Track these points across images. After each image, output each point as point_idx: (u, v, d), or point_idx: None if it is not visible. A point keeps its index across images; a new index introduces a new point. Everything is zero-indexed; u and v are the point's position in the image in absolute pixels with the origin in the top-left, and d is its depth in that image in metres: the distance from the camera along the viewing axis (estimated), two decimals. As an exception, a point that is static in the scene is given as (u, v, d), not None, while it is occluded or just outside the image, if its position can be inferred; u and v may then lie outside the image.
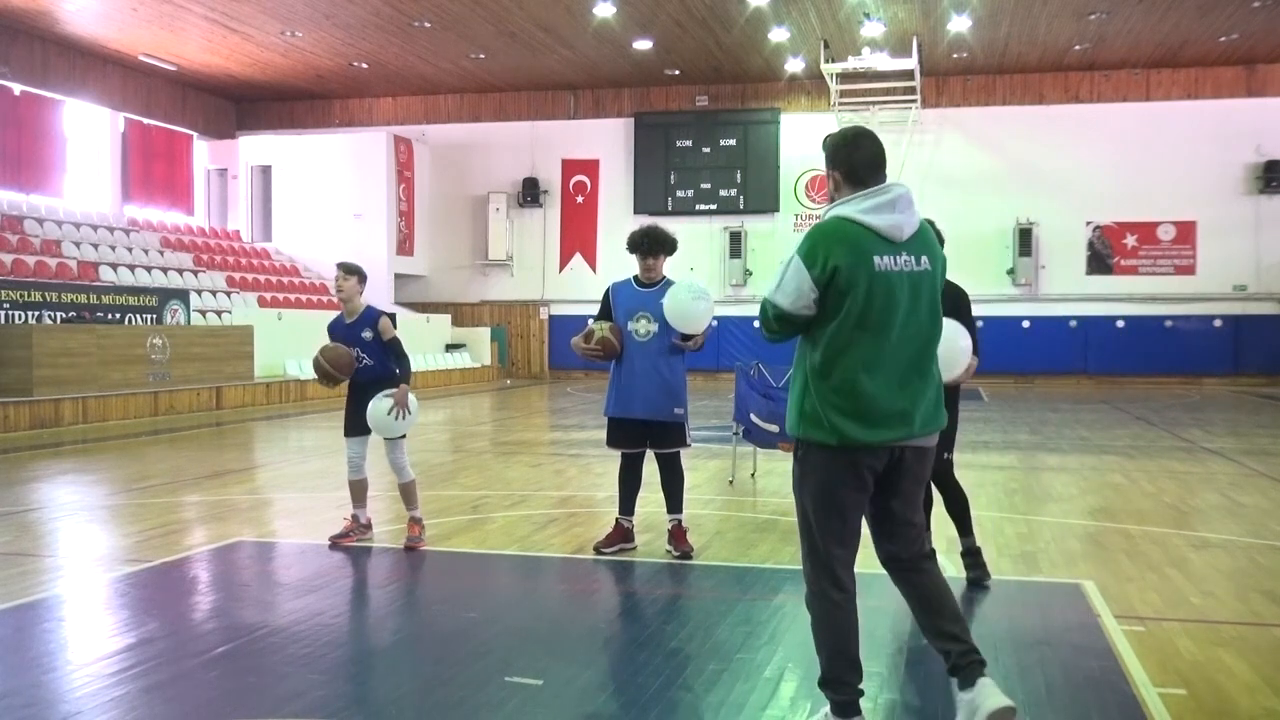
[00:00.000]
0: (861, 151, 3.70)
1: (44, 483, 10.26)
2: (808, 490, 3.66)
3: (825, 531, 3.63)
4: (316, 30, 21.86)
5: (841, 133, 3.83)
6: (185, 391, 17.30)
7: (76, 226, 21.64)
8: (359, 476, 6.90)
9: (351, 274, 6.95)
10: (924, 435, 3.65)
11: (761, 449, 9.65)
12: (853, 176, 3.68)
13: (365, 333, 6.84)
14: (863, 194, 3.61)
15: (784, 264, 3.62)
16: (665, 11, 20.68)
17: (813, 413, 3.57)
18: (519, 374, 27.99)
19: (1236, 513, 8.23)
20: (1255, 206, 24.57)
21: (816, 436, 3.57)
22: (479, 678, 4.35)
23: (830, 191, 3.77)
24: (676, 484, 6.58)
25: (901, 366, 3.58)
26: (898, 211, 3.59)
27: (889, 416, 3.54)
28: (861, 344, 3.53)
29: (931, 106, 25.22)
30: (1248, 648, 4.79)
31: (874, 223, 3.55)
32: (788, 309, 3.60)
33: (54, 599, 5.70)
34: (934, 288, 3.66)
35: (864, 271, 3.50)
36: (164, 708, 4.08)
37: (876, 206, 3.58)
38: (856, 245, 3.52)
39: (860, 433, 3.52)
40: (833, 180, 3.74)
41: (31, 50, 21.94)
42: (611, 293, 6.73)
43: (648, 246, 6.56)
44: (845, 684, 3.64)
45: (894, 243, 3.56)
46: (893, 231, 3.57)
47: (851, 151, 3.71)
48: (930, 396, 3.66)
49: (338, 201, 26.25)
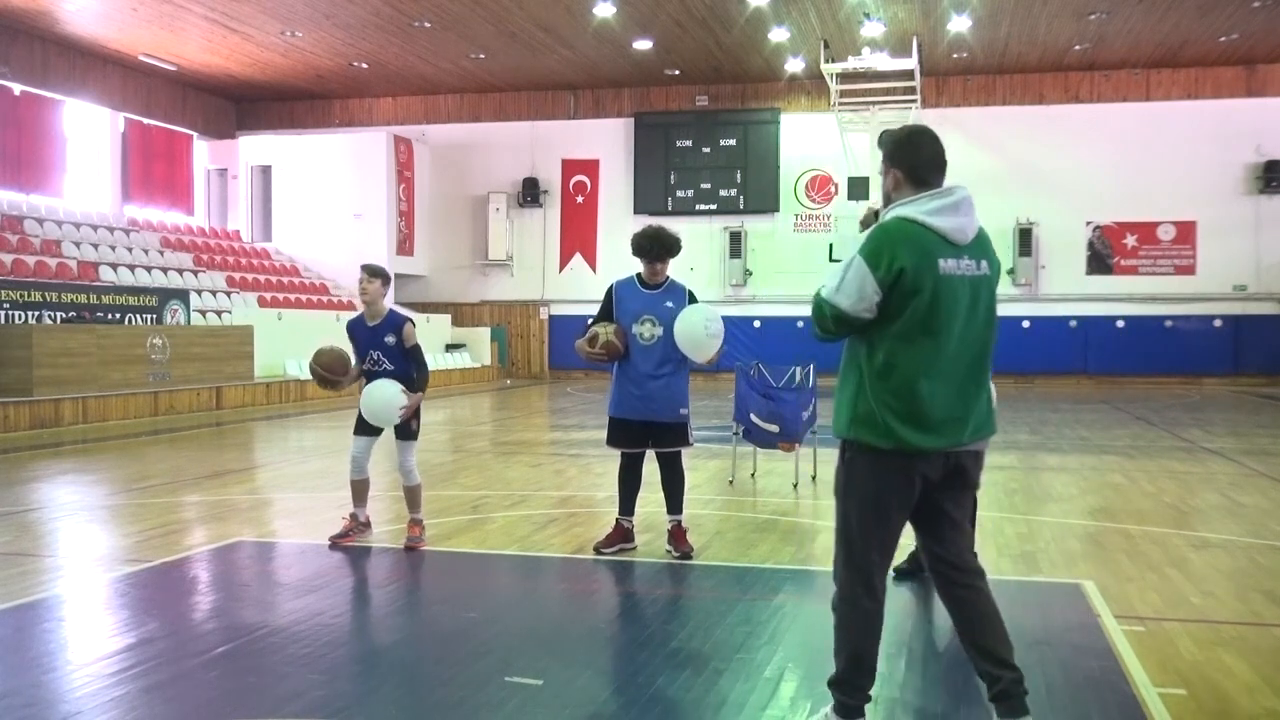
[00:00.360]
0: (924, 151, 3.62)
1: (44, 483, 10.25)
2: (854, 494, 3.59)
3: (867, 537, 3.58)
4: (316, 30, 21.86)
5: (903, 131, 3.73)
6: (185, 391, 17.30)
7: (76, 226, 21.64)
8: (361, 476, 6.90)
9: (376, 276, 6.90)
10: (977, 441, 3.60)
11: (761, 449, 9.65)
12: (915, 176, 3.60)
13: (388, 337, 6.82)
14: (926, 195, 3.54)
15: (844, 264, 3.53)
16: (665, 11, 20.68)
17: (867, 416, 3.50)
18: (519, 374, 27.99)
19: (1236, 513, 8.23)
20: (1255, 206, 24.57)
21: (869, 440, 3.50)
22: (479, 678, 4.35)
23: (887, 191, 3.69)
24: (677, 484, 6.57)
25: (959, 372, 3.52)
26: (961, 214, 3.53)
27: (945, 422, 3.49)
28: (923, 348, 3.46)
29: (931, 106, 25.20)
30: (1248, 648, 4.79)
31: (939, 225, 3.49)
32: (848, 310, 3.49)
33: (54, 599, 5.70)
34: (991, 293, 3.61)
35: (929, 274, 3.44)
36: (164, 708, 4.08)
37: (941, 208, 3.51)
38: (922, 247, 3.45)
39: (917, 437, 3.46)
40: (892, 179, 3.66)
41: (31, 50, 21.94)
42: (615, 292, 6.66)
43: (654, 252, 6.48)
44: (858, 688, 3.64)
45: (957, 246, 3.51)
46: (957, 235, 3.51)
47: (914, 150, 3.62)
48: (984, 402, 3.61)
49: (338, 201, 26.25)
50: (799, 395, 9.37)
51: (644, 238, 6.55)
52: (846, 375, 3.63)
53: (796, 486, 9.33)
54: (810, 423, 9.59)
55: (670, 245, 6.52)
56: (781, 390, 9.49)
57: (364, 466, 6.88)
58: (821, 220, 26.28)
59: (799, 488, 9.30)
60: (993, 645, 3.59)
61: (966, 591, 3.65)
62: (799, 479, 9.49)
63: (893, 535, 3.61)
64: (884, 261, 3.42)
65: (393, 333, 6.83)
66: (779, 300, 26.28)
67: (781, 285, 26.26)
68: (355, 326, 6.95)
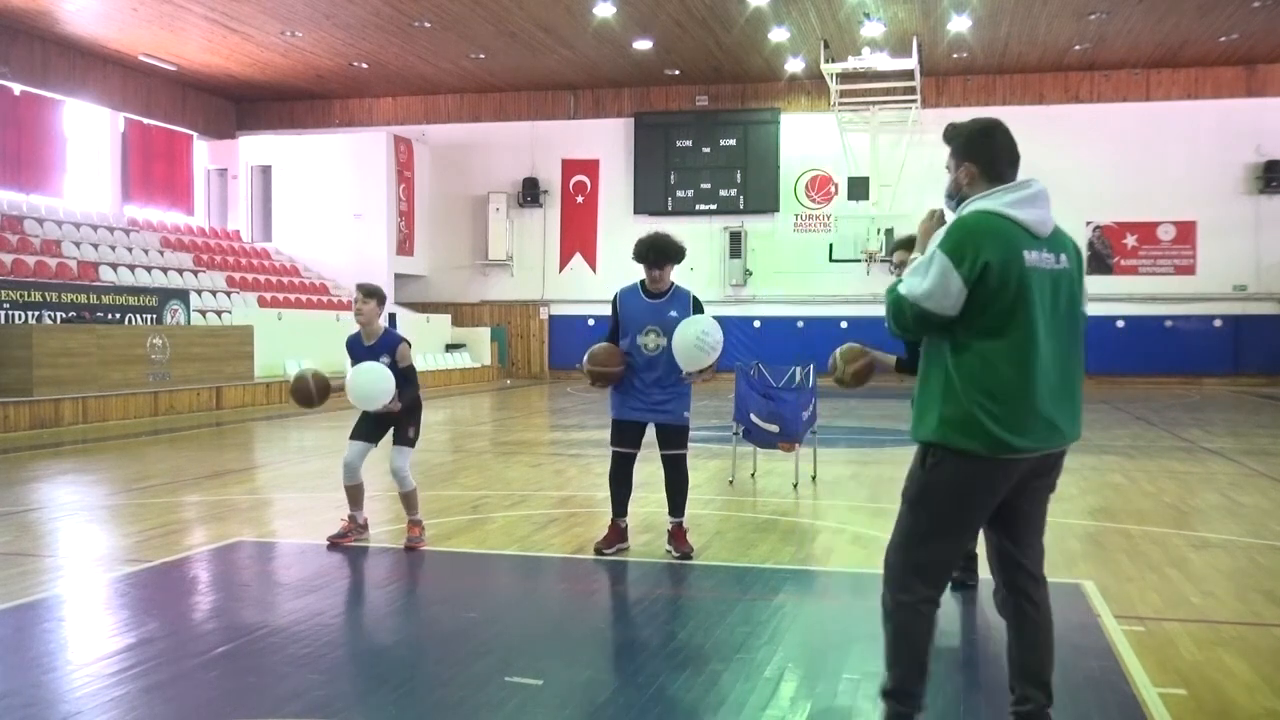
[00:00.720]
0: (1000, 144, 3.52)
1: (44, 483, 10.25)
2: (935, 500, 3.43)
3: (947, 544, 3.46)
4: (316, 30, 21.86)
5: (976, 124, 3.61)
6: (185, 391, 17.30)
7: (76, 226, 21.64)
8: (354, 482, 6.89)
9: (371, 297, 6.88)
10: (1069, 443, 3.48)
11: (761, 449, 9.65)
12: (992, 170, 3.49)
13: (384, 357, 6.83)
14: (1004, 188, 3.44)
15: (924, 260, 3.39)
16: (665, 11, 20.68)
17: (959, 418, 3.34)
18: (519, 374, 27.99)
19: (1236, 513, 8.23)
20: (1255, 206, 24.57)
21: (960, 443, 3.34)
22: (479, 678, 4.35)
23: (960, 186, 3.56)
24: (681, 488, 6.54)
25: (1049, 369, 3.38)
26: (1040, 206, 3.43)
27: (1040, 423, 3.35)
28: (1015, 345, 3.32)
29: (931, 106, 25.21)
30: (1248, 648, 4.79)
31: (1022, 217, 3.38)
32: (933, 309, 3.34)
33: (54, 599, 5.70)
34: (1072, 287, 3.48)
35: (1016, 268, 3.31)
36: (164, 708, 4.08)
37: (1021, 200, 3.40)
38: (1008, 240, 3.33)
39: (1014, 440, 3.31)
40: (965, 173, 3.54)
41: (31, 50, 21.94)
42: (619, 302, 6.59)
43: (653, 259, 6.43)
44: (914, 696, 3.50)
45: (1038, 239, 3.40)
46: (1039, 227, 3.41)
47: (990, 144, 3.52)
48: (1076, 404, 3.47)
49: (338, 201, 26.26)
50: (799, 395, 9.37)
51: (643, 245, 6.49)
52: (931, 376, 3.47)
53: (796, 486, 9.33)
54: (810, 423, 9.59)
55: (668, 251, 6.43)
56: (781, 390, 9.49)
57: (356, 472, 6.86)
58: (821, 220, 26.28)
59: (799, 488, 9.30)
60: (1039, 668, 3.53)
61: (1032, 606, 3.54)
62: (799, 479, 9.49)
63: (971, 542, 3.50)
64: (968, 257, 3.29)
65: (388, 353, 6.82)
66: (779, 300, 26.30)
67: (781, 285, 26.27)
68: (353, 344, 6.95)
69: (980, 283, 3.29)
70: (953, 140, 3.62)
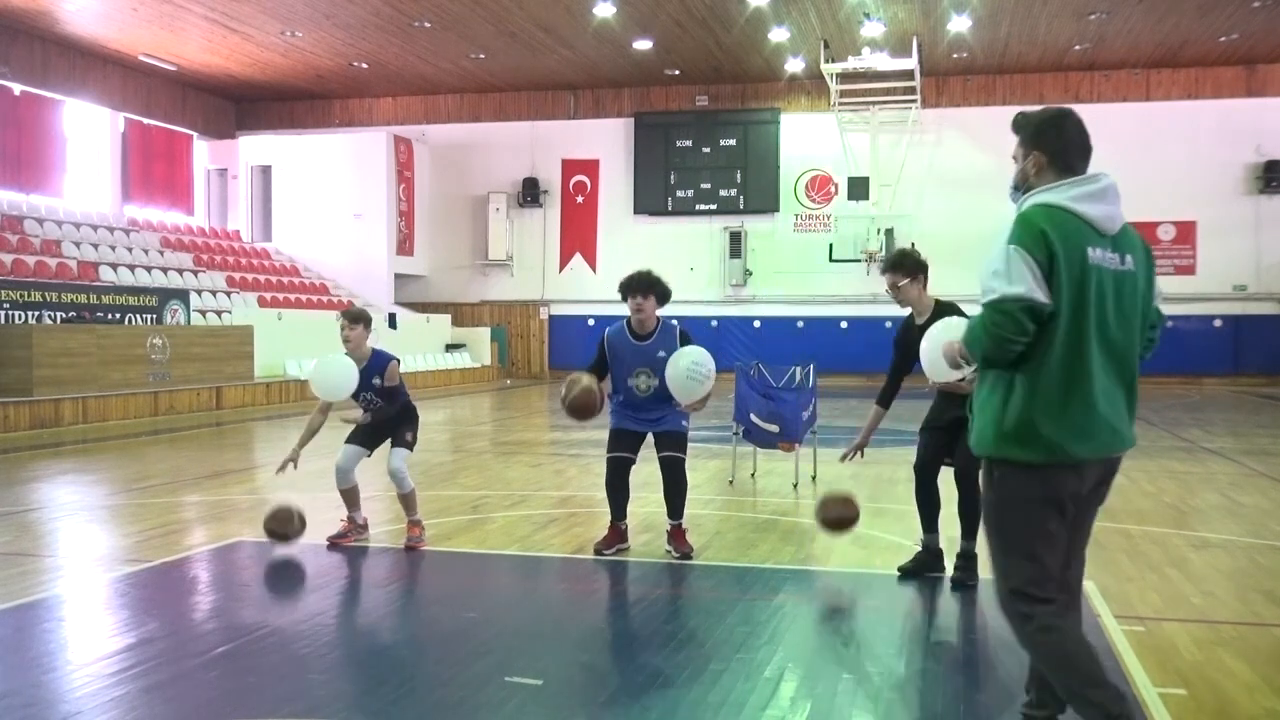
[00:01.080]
0: (1072, 134, 3.33)
1: (44, 483, 10.25)
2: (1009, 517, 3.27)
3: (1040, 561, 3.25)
4: (316, 30, 21.86)
5: (1047, 112, 3.43)
6: (185, 391, 17.30)
7: (76, 226, 21.64)
8: (347, 485, 6.89)
9: (357, 322, 6.83)
10: (1127, 449, 3.34)
11: (761, 449, 9.65)
12: (1062, 161, 3.32)
13: (375, 379, 6.83)
14: (1070, 181, 3.27)
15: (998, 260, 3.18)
16: (665, 11, 20.68)
17: (1020, 428, 3.19)
18: (519, 374, 27.99)
19: (1236, 513, 8.23)
20: (1255, 206, 24.57)
21: (1020, 455, 3.20)
22: (479, 678, 4.35)
23: (1027, 176, 3.40)
24: (679, 491, 6.54)
25: (1112, 373, 3.23)
26: (1108, 201, 3.27)
27: (1104, 429, 3.22)
28: (1078, 347, 3.16)
29: (931, 106, 25.22)
30: (1248, 648, 4.79)
31: (1087, 211, 3.22)
32: (1040, 300, 3.11)
33: (54, 599, 5.70)
34: (1136, 289, 3.30)
35: (1079, 264, 3.14)
36: (164, 708, 4.08)
37: (1088, 194, 3.24)
38: (1072, 234, 3.17)
39: (1074, 446, 3.18)
40: (1034, 163, 3.37)
41: (31, 50, 21.94)
42: (608, 345, 6.59)
43: (629, 286, 6.44)
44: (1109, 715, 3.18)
45: (1104, 236, 3.23)
46: (1106, 223, 3.24)
47: (1061, 133, 3.34)
48: (1132, 409, 3.33)
49: (338, 201, 26.26)
50: (799, 395, 9.37)
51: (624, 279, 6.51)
52: (991, 385, 3.30)
53: (796, 486, 9.33)
54: (810, 423, 9.59)
55: (647, 280, 6.43)
56: (781, 390, 9.50)
57: (348, 476, 6.86)
58: (821, 220, 26.27)
59: (799, 488, 9.30)
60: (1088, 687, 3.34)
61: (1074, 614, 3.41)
62: (799, 479, 9.49)
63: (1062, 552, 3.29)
64: (1038, 244, 3.13)
65: (378, 374, 6.82)
66: (779, 300, 26.30)
67: (781, 285, 26.27)
68: None
69: (1048, 279, 3.14)
70: (1022, 129, 3.45)
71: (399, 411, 6.95)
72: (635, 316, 6.51)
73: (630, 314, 6.53)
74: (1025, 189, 3.41)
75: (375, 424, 6.93)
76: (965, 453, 5.72)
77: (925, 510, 5.99)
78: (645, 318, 6.50)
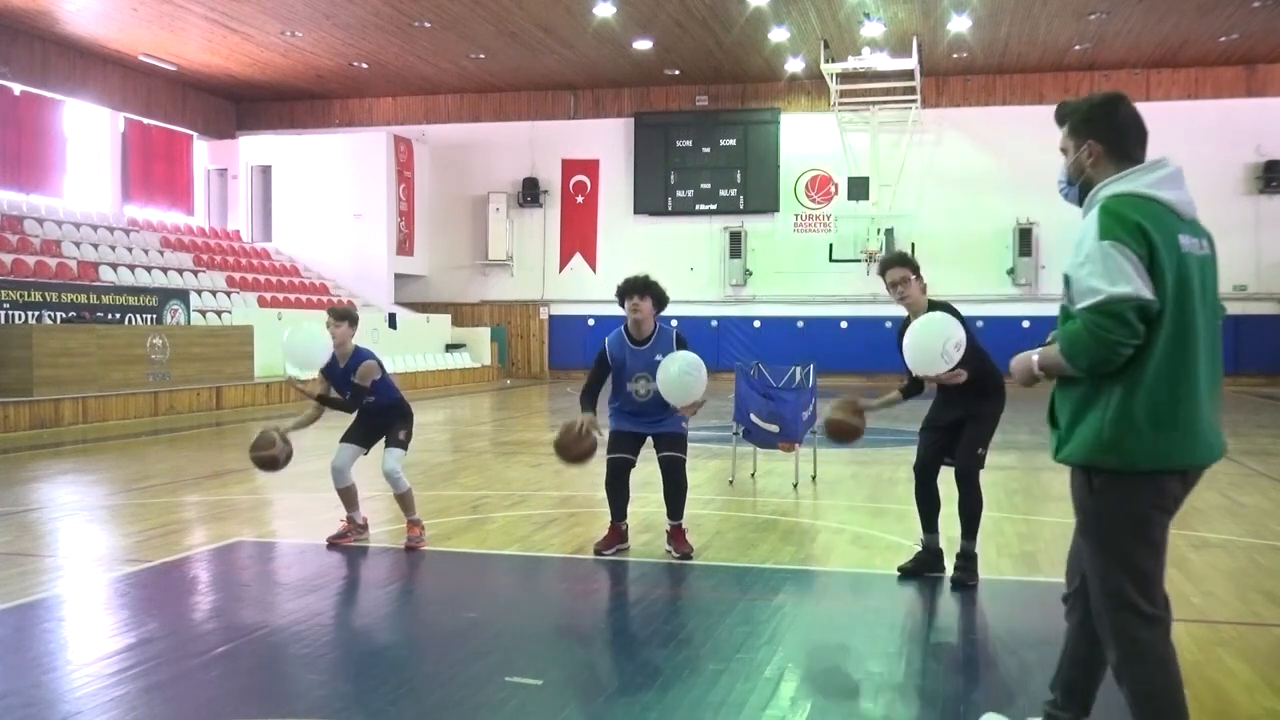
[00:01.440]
0: (1127, 118, 3.14)
1: (44, 483, 10.25)
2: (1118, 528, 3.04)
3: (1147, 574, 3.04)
4: (316, 30, 21.86)
5: (1098, 98, 3.21)
6: (185, 391, 17.30)
7: (76, 226, 21.64)
8: (344, 485, 6.88)
9: (342, 320, 6.81)
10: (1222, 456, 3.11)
11: (761, 449, 9.65)
12: (1119, 148, 3.11)
13: (353, 377, 6.83)
14: (1142, 168, 3.07)
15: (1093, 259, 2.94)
16: (665, 11, 20.68)
17: (1126, 435, 2.95)
18: (519, 374, 27.99)
19: (1236, 513, 8.23)
20: (1255, 206, 24.57)
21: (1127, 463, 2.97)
22: (479, 678, 4.34)
23: (1082, 168, 3.19)
24: (679, 492, 6.54)
25: (1207, 369, 3.01)
26: (1182, 187, 3.07)
27: (1210, 433, 3.02)
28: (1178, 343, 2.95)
29: (931, 106, 25.22)
30: (1248, 648, 4.80)
31: (1169, 198, 3.01)
32: (1149, 295, 2.88)
33: (54, 599, 5.70)
34: (1215, 276, 3.11)
35: (1173, 254, 2.93)
36: (164, 708, 4.08)
37: (1164, 180, 3.04)
38: (1163, 223, 2.95)
39: (1188, 454, 2.98)
40: (1089, 153, 3.15)
41: (31, 50, 21.94)
42: (608, 352, 6.62)
43: (627, 289, 6.47)
44: None
45: (1185, 221, 3.04)
46: (1186, 209, 3.05)
47: (1116, 118, 3.14)
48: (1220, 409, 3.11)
49: (338, 201, 26.26)
50: (799, 395, 9.37)
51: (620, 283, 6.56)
52: (1085, 392, 3.05)
53: (796, 486, 9.32)
54: (810, 423, 9.58)
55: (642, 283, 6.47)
56: (781, 390, 9.49)
57: (344, 476, 6.85)
58: (821, 220, 26.27)
59: (799, 488, 9.30)
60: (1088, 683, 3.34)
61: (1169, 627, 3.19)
62: (799, 479, 9.49)
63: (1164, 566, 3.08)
64: (1134, 235, 2.90)
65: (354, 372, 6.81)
66: (779, 300, 26.29)
67: (781, 285, 26.27)
68: (329, 368, 6.89)
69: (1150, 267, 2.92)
70: (1069, 117, 3.21)
71: (392, 410, 6.92)
72: (632, 318, 6.52)
73: (627, 315, 6.54)
74: (1083, 183, 3.20)
75: (369, 422, 6.92)
76: (964, 453, 5.73)
77: (925, 510, 5.99)
78: (642, 319, 6.51)
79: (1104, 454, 3.00)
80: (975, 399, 5.72)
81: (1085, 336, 2.93)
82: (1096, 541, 3.11)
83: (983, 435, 5.74)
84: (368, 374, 6.82)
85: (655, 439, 6.59)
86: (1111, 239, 2.91)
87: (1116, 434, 2.97)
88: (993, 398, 5.78)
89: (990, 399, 5.77)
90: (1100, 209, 3.01)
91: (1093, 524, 3.12)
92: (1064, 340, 3.02)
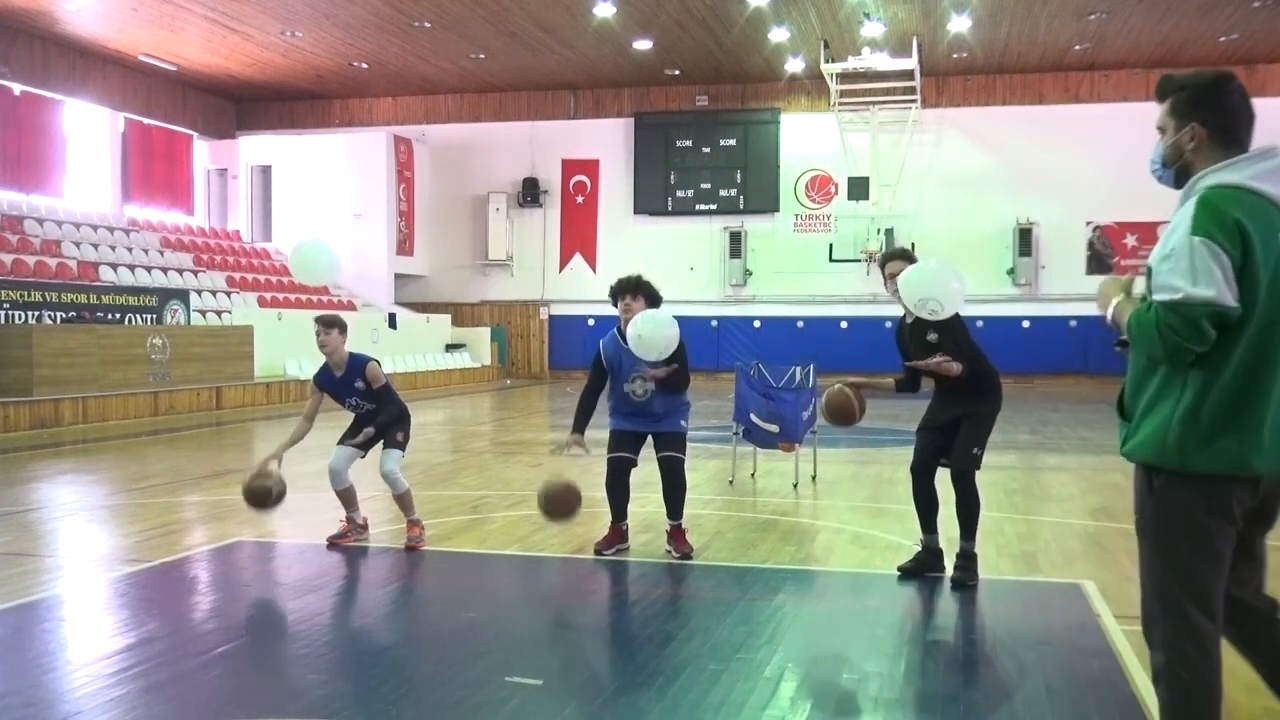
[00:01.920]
0: (1238, 100, 2.93)
1: (44, 483, 10.25)
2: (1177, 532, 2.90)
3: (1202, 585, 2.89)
4: (316, 30, 21.86)
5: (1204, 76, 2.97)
6: (185, 391, 17.30)
7: (76, 226, 21.64)
8: (341, 486, 6.88)
9: (332, 326, 6.79)
10: None
11: (761, 449, 9.64)
12: (1227, 133, 2.89)
13: (358, 383, 6.83)
14: (1246, 158, 2.85)
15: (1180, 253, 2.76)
16: (665, 11, 20.68)
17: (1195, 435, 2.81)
18: (519, 374, 27.98)
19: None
20: (1255, 206, 24.55)
21: (1192, 465, 2.83)
22: (479, 678, 4.35)
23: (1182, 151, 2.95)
24: (678, 492, 6.56)
25: None
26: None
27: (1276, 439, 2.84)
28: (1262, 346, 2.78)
29: (931, 106, 25.21)
30: (1248, 648, 4.79)
31: (1275, 193, 2.81)
32: (1229, 304, 2.71)
33: (54, 599, 5.70)
34: None
35: (1271, 253, 2.73)
36: (164, 708, 4.08)
37: (1270, 172, 2.82)
38: (1264, 219, 2.76)
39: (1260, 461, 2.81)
40: (1192, 135, 2.92)
41: (31, 50, 21.94)
42: (603, 354, 6.64)
43: (619, 289, 6.52)
44: None
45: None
46: None
47: (1227, 99, 2.92)
48: None
49: (338, 201, 26.25)
50: (799, 395, 9.37)
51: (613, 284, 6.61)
52: (1160, 386, 2.89)
53: (796, 486, 9.32)
54: (810, 423, 9.58)
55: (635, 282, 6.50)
56: (781, 390, 9.49)
57: (341, 477, 6.84)
58: (821, 220, 26.27)
59: (799, 488, 9.30)
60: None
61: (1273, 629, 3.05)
62: (799, 479, 9.49)
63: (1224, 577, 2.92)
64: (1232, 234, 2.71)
65: (359, 377, 6.80)
66: (779, 300, 26.29)
67: (781, 285, 26.27)
68: (324, 380, 6.87)
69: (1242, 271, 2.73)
70: (1173, 93, 2.97)
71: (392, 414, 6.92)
72: (624, 317, 6.54)
73: (620, 315, 6.56)
74: (1180, 166, 2.97)
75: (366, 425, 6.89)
76: (960, 454, 5.73)
77: (924, 510, 5.99)
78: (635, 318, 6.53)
79: (1165, 454, 2.87)
80: (973, 398, 5.74)
81: (1153, 331, 2.79)
82: (1152, 544, 2.99)
83: (979, 435, 5.74)
84: (377, 375, 6.83)
85: (655, 438, 6.61)
86: (1204, 235, 2.73)
87: (1181, 434, 2.84)
88: (990, 397, 5.80)
89: (987, 398, 5.79)
90: (1199, 200, 2.81)
91: (1149, 526, 3.00)
92: (1134, 323, 2.88)
